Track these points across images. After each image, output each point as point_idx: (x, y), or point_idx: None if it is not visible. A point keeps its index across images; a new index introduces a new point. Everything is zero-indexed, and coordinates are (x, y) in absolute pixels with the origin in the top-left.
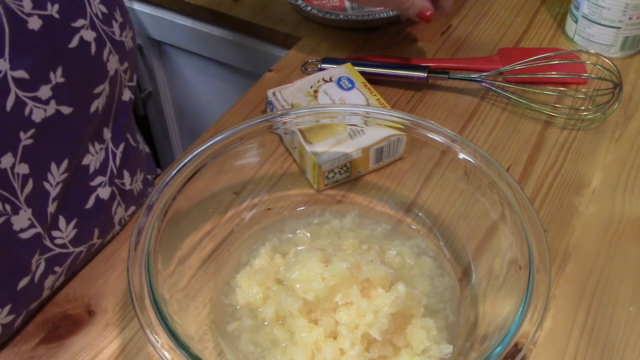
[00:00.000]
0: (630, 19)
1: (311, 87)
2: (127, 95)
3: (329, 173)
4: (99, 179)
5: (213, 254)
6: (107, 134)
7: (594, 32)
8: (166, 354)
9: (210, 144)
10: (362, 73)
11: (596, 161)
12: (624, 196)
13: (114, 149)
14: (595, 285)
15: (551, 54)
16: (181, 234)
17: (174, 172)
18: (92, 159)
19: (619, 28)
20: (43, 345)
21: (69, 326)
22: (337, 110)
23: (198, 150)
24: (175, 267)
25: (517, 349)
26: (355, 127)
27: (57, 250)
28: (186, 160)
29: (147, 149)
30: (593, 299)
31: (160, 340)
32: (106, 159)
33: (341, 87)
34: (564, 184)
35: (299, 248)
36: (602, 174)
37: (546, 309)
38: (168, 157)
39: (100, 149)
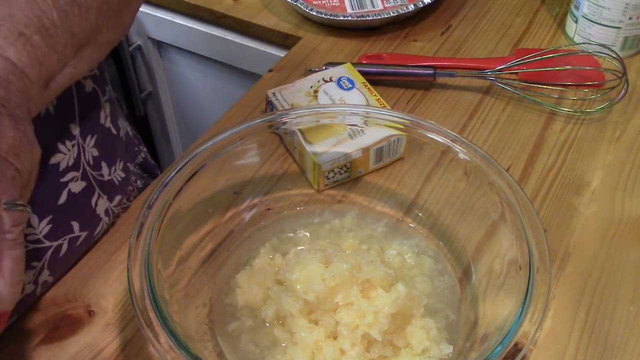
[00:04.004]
0: (630, 19)
1: (311, 87)
2: (89, 86)
3: (329, 173)
4: (71, 175)
5: (213, 254)
6: (74, 129)
7: (594, 32)
8: (166, 354)
9: (210, 144)
10: (369, 73)
11: (596, 161)
12: (624, 196)
13: (83, 143)
14: (595, 285)
15: (566, 53)
16: (181, 234)
17: (174, 172)
18: (62, 157)
19: (619, 28)
20: (43, 345)
21: (69, 326)
22: (337, 110)
23: (198, 150)
24: (175, 267)
25: (517, 349)
26: (355, 127)
27: (31, 246)
28: (186, 160)
29: (130, 132)
30: (593, 299)
31: (160, 340)
32: (79, 154)
33: (341, 87)
34: (564, 184)
35: (299, 248)
36: (602, 174)
37: (546, 309)
38: (168, 157)
39: (73, 145)
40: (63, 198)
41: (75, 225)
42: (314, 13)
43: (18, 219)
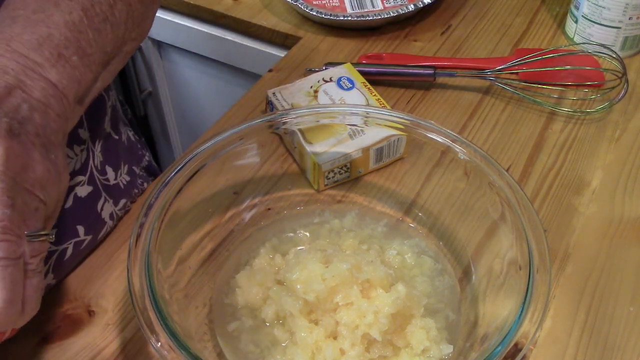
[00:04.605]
0: (630, 19)
1: (311, 87)
2: None
3: (329, 173)
4: (78, 179)
5: (213, 254)
6: (84, 134)
7: (594, 32)
8: (166, 354)
9: (210, 144)
10: (369, 73)
11: (596, 161)
12: (624, 196)
13: (93, 148)
14: (595, 285)
15: (566, 53)
16: (181, 234)
17: (174, 172)
18: (69, 162)
19: (619, 28)
20: (43, 345)
21: (69, 326)
22: (337, 110)
23: (198, 150)
24: (175, 267)
25: (517, 349)
26: (355, 127)
27: None
28: (186, 160)
29: (132, 137)
30: (593, 299)
31: (160, 340)
32: (87, 158)
33: (341, 87)
34: (564, 184)
35: (299, 248)
36: (602, 174)
37: (546, 309)
38: (168, 157)
39: (81, 150)
40: (69, 202)
41: (81, 229)
42: (314, 13)
43: (38, 250)
